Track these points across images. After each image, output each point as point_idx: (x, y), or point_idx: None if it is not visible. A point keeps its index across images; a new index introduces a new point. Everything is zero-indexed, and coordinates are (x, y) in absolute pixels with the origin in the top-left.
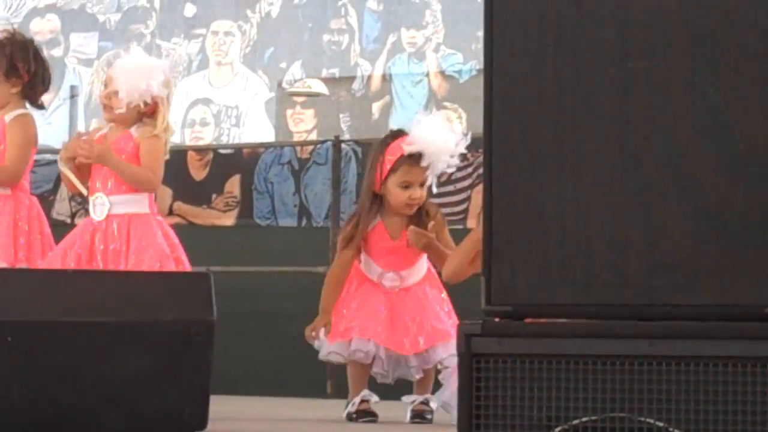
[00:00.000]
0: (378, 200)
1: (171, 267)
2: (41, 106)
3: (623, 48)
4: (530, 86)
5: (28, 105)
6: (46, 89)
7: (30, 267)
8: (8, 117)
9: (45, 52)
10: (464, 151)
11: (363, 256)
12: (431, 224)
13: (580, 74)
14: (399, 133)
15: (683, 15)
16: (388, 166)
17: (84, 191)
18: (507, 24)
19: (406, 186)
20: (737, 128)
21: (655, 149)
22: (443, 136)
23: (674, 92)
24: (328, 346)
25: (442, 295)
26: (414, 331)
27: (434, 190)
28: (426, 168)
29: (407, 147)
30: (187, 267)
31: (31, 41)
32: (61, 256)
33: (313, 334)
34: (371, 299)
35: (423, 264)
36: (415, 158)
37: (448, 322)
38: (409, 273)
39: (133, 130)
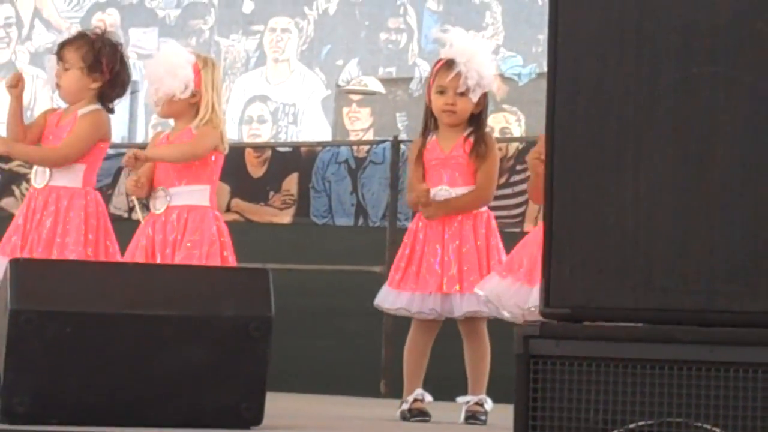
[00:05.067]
0: (433, 117)
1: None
2: (111, 110)
3: (687, 53)
4: (594, 90)
5: (99, 105)
6: (121, 94)
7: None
8: (81, 112)
9: None
10: (508, 72)
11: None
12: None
13: (644, 79)
14: None
15: (747, 20)
16: (432, 78)
17: (142, 220)
18: (572, 28)
19: (442, 91)
20: None
21: (718, 155)
22: (476, 48)
23: (738, 98)
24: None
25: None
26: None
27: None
28: (459, 75)
29: (442, 53)
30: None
31: (121, 45)
32: (132, 254)
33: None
34: None
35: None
36: (450, 64)
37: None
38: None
39: (193, 127)
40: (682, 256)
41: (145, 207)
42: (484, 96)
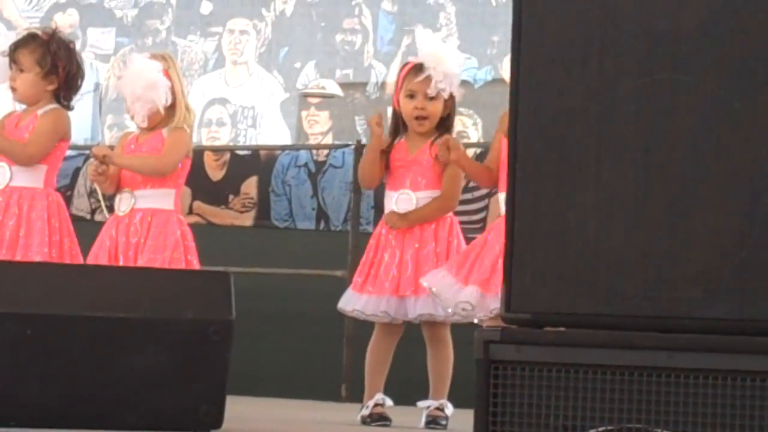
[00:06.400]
0: (400, 121)
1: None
2: (69, 108)
3: (650, 60)
4: (556, 96)
5: (57, 104)
6: (77, 91)
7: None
8: (41, 111)
9: None
10: (464, 74)
11: (386, 191)
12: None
13: (607, 85)
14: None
15: (710, 28)
16: (400, 83)
17: (107, 214)
18: (535, 33)
19: (411, 95)
20: (762, 141)
21: (679, 161)
22: (445, 52)
23: (699, 104)
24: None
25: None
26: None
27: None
28: (428, 79)
29: (411, 58)
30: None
31: (73, 43)
32: (95, 255)
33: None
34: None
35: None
36: (418, 68)
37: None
38: (425, 198)
39: (165, 130)
40: (642, 263)
41: (109, 208)
42: (452, 100)
